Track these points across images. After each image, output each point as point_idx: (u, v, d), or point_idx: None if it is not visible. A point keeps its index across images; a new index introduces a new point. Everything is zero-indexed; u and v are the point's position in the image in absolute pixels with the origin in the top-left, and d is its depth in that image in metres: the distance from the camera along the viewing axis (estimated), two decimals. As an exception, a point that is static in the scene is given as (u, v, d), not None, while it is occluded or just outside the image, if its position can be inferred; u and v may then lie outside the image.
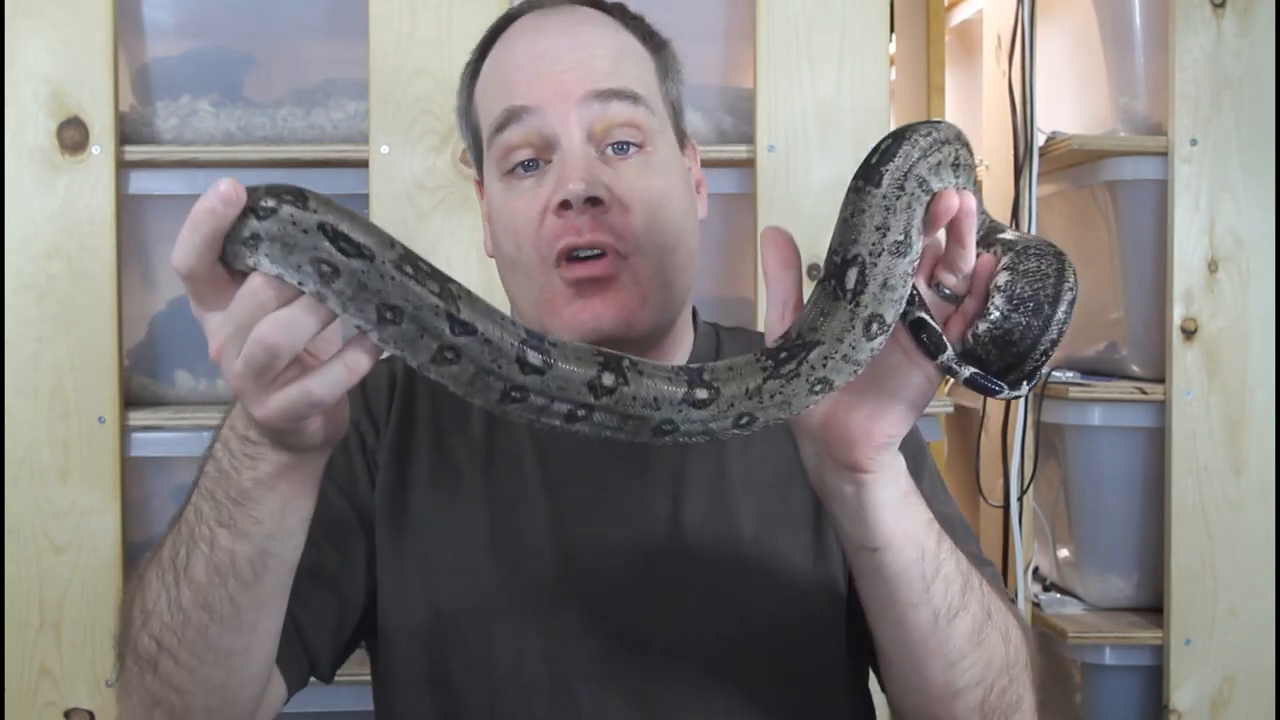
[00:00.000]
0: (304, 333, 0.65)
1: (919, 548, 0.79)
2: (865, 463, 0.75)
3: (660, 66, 1.02)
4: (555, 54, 0.96)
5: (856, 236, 0.69)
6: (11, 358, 1.57)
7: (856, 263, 0.69)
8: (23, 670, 1.57)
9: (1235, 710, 1.74)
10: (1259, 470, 1.73)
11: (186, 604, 0.78)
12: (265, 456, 0.73)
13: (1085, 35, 1.91)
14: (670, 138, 1.01)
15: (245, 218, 0.64)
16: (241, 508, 0.75)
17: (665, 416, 0.69)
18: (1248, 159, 1.73)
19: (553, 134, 0.94)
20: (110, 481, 1.58)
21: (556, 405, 0.68)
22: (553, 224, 0.93)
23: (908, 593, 0.80)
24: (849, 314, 0.69)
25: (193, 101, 1.64)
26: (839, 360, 0.70)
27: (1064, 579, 1.95)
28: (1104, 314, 1.89)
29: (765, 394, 0.70)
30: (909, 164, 0.69)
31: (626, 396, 0.69)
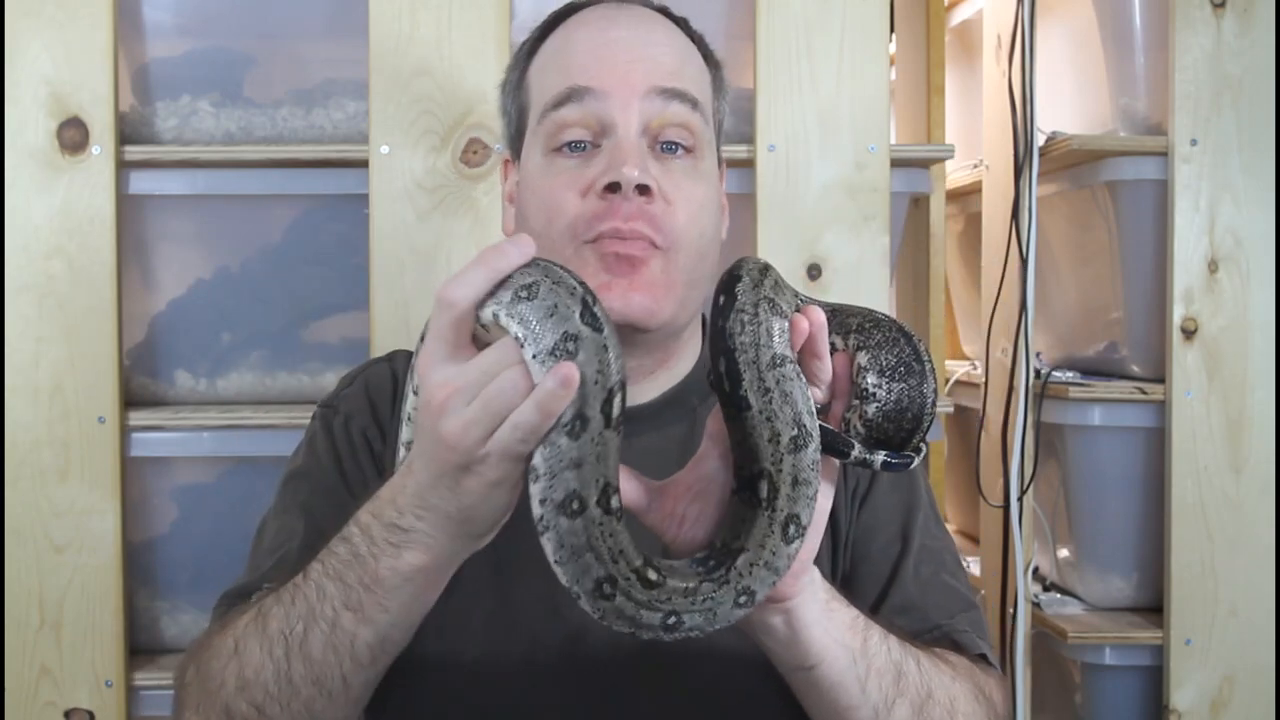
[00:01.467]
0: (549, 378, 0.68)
1: (849, 652, 0.80)
2: (788, 591, 0.76)
3: (716, 83, 1.04)
4: (626, 43, 0.97)
5: (755, 454, 0.69)
6: (11, 358, 1.56)
7: (764, 476, 0.69)
8: (23, 670, 1.57)
9: (1235, 710, 1.74)
10: (1259, 470, 1.73)
11: (297, 679, 0.79)
12: (414, 546, 0.74)
13: (1085, 35, 1.91)
14: (714, 152, 1.02)
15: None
16: (372, 595, 0.76)
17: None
18: (1248, 159, 1.73)
19: (610, 120, 0.95)
20: (110, 481, 1.58)
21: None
22: (595, 204, 0.93)
23: (845, 698, 0.81)
24: (767, 520, 0.70)
25: (193, 101, 1.64)
26: (761, 568, 0.70)
27: (1064, 579, 1.95)
28: (1104, 314, 1.89)
29: (698, 596, 0.70)
30: (760, 361, 0.69)
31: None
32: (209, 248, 1.69)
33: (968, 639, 0.98)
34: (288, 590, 0.81)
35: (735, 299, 0.70)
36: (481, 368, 0.68)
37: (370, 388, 1.06)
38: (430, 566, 0.75)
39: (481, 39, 1.58)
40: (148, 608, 1.67)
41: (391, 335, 1.58)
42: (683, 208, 0.95)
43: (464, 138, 1.58)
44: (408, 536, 0.74)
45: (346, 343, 1.69)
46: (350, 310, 1.68)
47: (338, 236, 1.69)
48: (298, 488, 1.02)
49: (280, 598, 0.81)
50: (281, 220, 1.69)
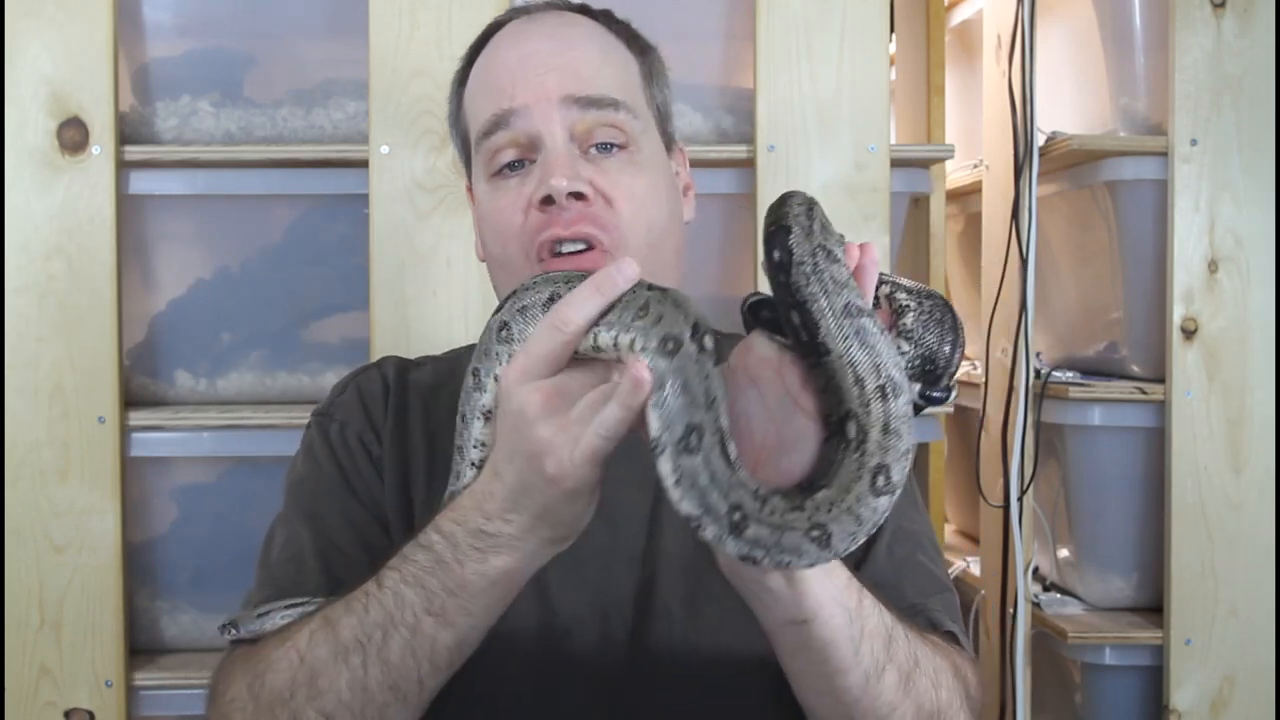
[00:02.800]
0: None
1: (845, 610, 0.79)
2: None
3: (645, 70, 1.04)
4: (539, 56, 0.98)
5: (841, 397, 0.69)
6: (11, 358, 1.56)
7: (851, 417, 0.69)
8: (23, 670, 1.57)
9: (1235, 710, 1.74)
10: (1259, 470, 1.73)
11: (374, 685, 0.80)
12: (501, 550, 0.76)
13: (1085, 35, 1.91)
14: (655, 139, 1.02)
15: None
16: (456, 599, 0.78)
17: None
18: (1248, 159, 1.73)
19: (536, 133, 0.96)
20: (110, 481, 1.58)
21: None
22: (536, 218, 0.94)
23: (837, 659, 0.79)
24: (855, 463, 0.68)
25: (193, 101, 1.64)
26: (843, 512, 0.68)
27: (1064, 579, 1.95)
28: (1104, 314, 1.89)
29: (769, 511, 0.68)
30: (834, 308, 0.69)
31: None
32: (209, 248, 1.69)
33: (940, 618, 0.97)
34: (358, 599, 0.82)
35: (792, 254, 0.70)
36: (580, 379, 0.72)
37: (364, 394, 1.07)
38: (515, 570, 0.77)
39: (481, 39, 1.58)
40: (148, 608, 1.67)
41: (391, 335, 1.58)
42: (624, 204, 0.95)
43: (464, 138, 1.58)
44: (495, 541, 0.76)
45: (346, 343, 1.69)
46: (350, 310, 1.68)
47: (338, 236, 1.69)
48: (300, 496, 1.03)
49: (350, 607, 0.82)
50: (281, 220, 1.69)
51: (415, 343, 1.58)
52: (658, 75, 1.05)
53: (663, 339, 0.68)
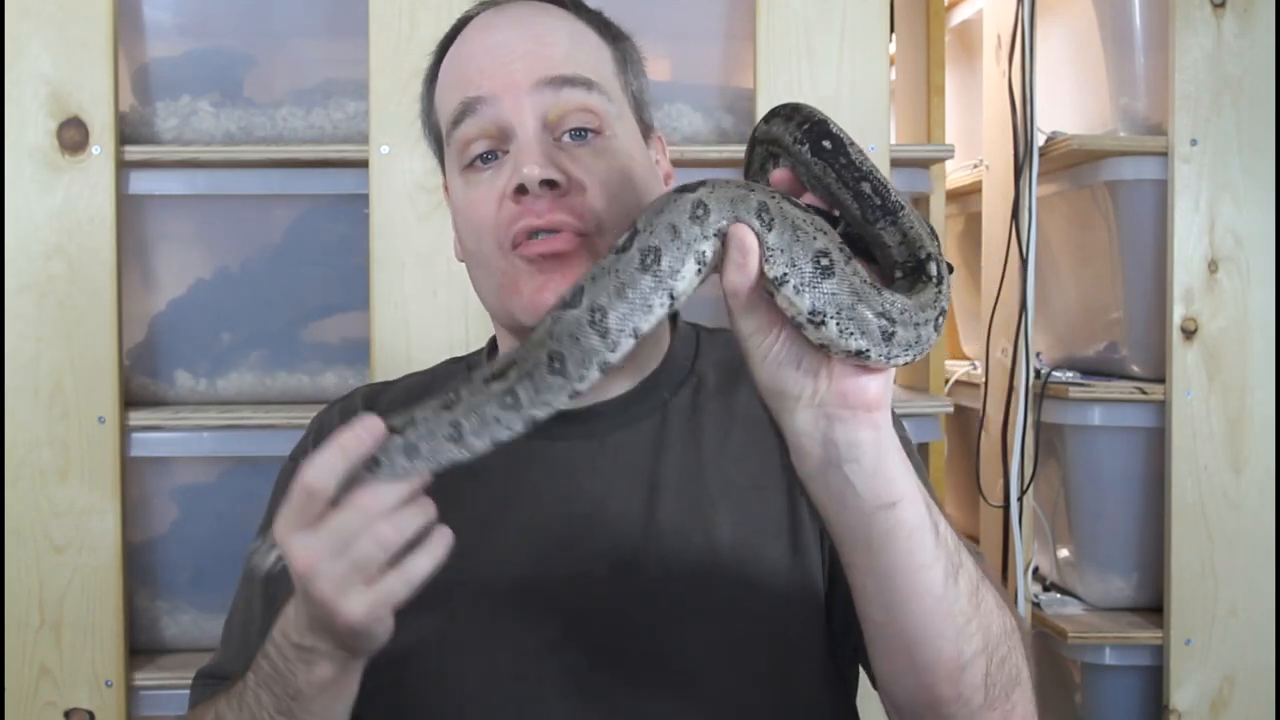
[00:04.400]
0: (413, 526, 0.74)
1: (922, 496, 0.76)
2: (880, 393, 0.72)
3: (619, 56, 1.02)
4: (508, 44, 0.96)
5: (920, 243, 0.73)
6: (11, 358, 1.56)
7: (930, 259, 0.73)
8: (23, 670, 1.57)
9: (1235, 710, 1.74)
10: (1259, 470, 1.73)
11: None
12: (320, 661, 0.79)
13: (1085, 35, 1.91)
14: (631, 125, 1.00)
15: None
16: (298, 703, 0.81)
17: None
18: (1248, 159, 1.73)
19: (507, 123, 0.94)
20: (110, 481, 1.58)
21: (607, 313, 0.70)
22: (510, 209, 0.93)
23: (921, 551, 0.75)
24: (934, 294, 0.71)
25: (193, 101, 1.64)
26: (913, 320, 0.71)
27: (1064, 579, 1.95)
28: (1104, 314, 1.89)
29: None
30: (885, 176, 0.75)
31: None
32: (209, 248, 1.69)
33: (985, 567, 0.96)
34: (236, 692, 0.87)
35: (841, 137, 0.74)
36: (338, 533, 0.74)
37: (324, 434, 1.05)
38: (342, 674, 0.81)
39: (481, 39, 1.58)
40: (148, 608, 1.67)
41: (391, 335, 1.58)
42: (599, 190, 0.93)
43: (464, 138, 1.58)
44: (312, 654, 0.79)
45: (346, 343, 1.69)
46: (350, 310, 1.68)
47: (338, 236, 1.69)
48: None
49: (230, 700, 0.88)
50: (281, 220, 1.69)
51: (415, 343, 1.58)
52: (632, 63, 1.04)
53: (757, 209, 0.70)
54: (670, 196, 0.71)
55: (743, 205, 0.69)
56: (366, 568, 0.73)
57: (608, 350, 0.70)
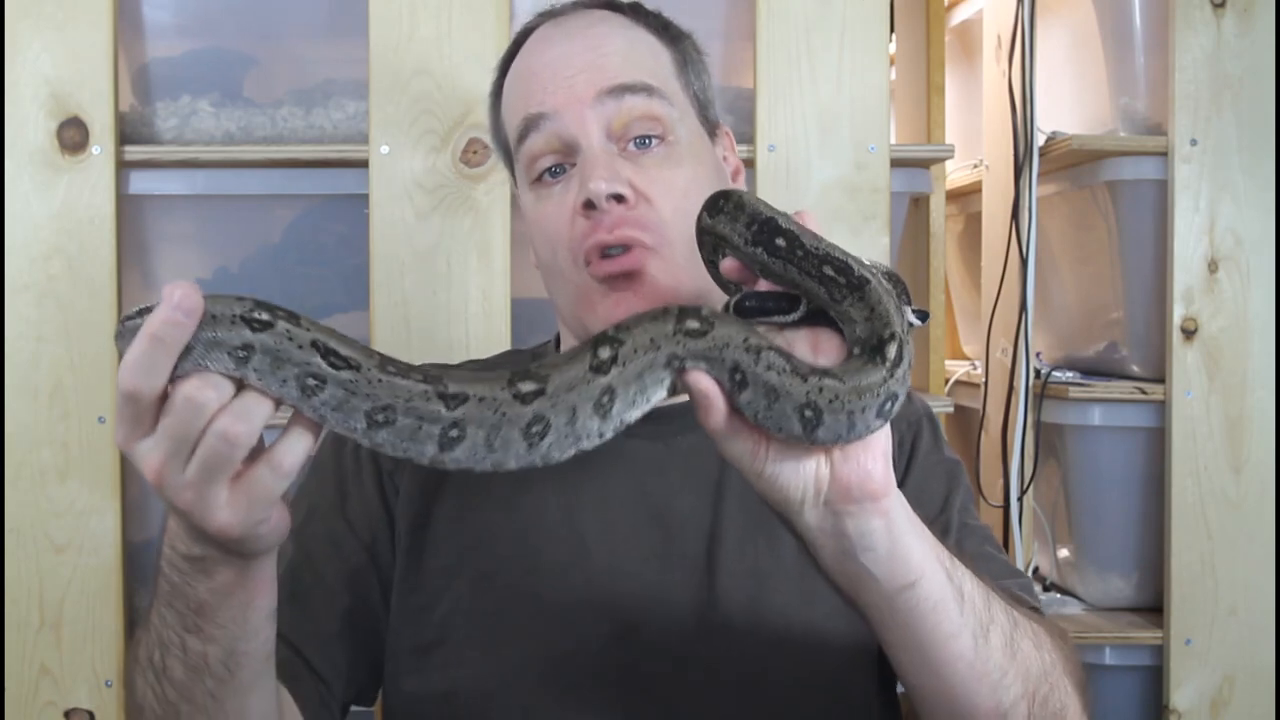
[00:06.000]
0: (260, 418, 0.66)
1: (943, 568, 0.77)
2: (884, 481, 0.73)
3: (679, 58, 1.02)
4: (566, 57, 0.97)
5: (887, 320, 0.71)
6: (11, 358, 1.56)
7: (893, 340, 0.70)
8: (23, 670, 1.57)
9: (1235, 710, 1.74)
10: (1259, 470, 1.73)
11: (172, 698, 0.79)
12: (216, 569, 0.72)
13: (1085, 35, 1.91)
14: (694, 126, 1.00)
15: (237, 327, 0.64)
16: (203, 616, 0.74)
17: (669, 351, 0.72)
18: (1248, 159, 1.73)
19: (571, 137, 0.95)
20: (110, 481, 1.58)
21: (580, 413, 0.69)
22: (581, 224, 0.94)
23: (947, 623, 0.76)
24: (882, 377, 0.70)
25: (193, 101, 1.64)
26: (844, 405, 0.69)
27: (1064, 579, 1.95)
28: (1104, 314, 1.89)
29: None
30: (848, 251, 0.73)
31: (627, 353, 0.70)
32: (209, 248, 1.69)
33: (1023, 595, 0.95)
34: (145, 617, 0.81)
35: (792, 230, 0.73)
36: (174, 434, 0.65)
37: None
38: (244, 578, 0.73)
39: (481, 39, 1.58)
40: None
41: (391, 335, 1.58)
42: (665, 200, 0.94)
43: (464, 138, 1.58)
44: (205, 562, 0.72)
45: (346, 343, 1.69)
46: (350, 310, 1.68)
47: (338, 236, 1.69)
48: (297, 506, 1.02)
49: (144, 625, 0.82)
50: (281, 220, 1.69)
51: (415, 343, 1.58)
52: (692, 62, 1.04)
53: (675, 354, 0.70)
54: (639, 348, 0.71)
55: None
56: (222, 466, 0.65)
57: (527, 451, 0.69)
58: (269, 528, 0.69)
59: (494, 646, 0.96)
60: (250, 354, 0.65)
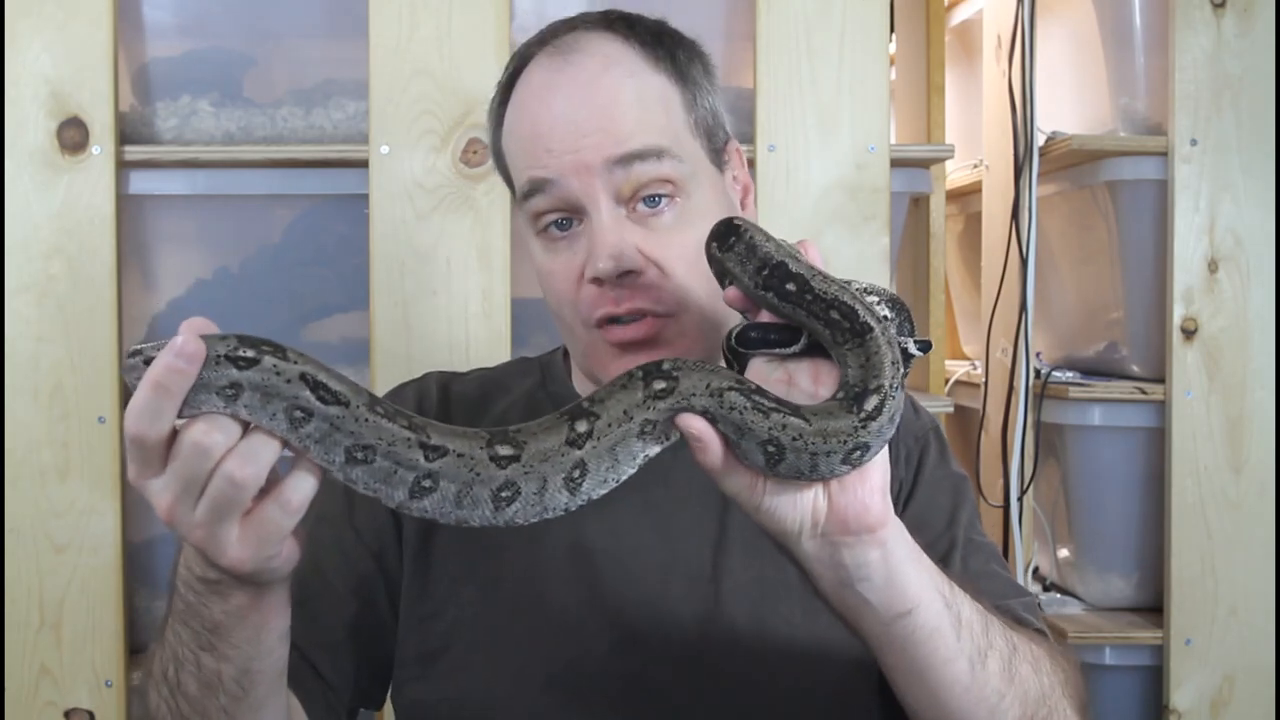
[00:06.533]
0: (267, 460, 0.66)
1: (941, 596, 0.78)
2: (881, 513, 0.73)
3: (688, 97, 0.98)
4: (573, 120, 0.93)
5: (878, 372, 0.72)
6: (11, 358, 1.56)
7: (878, 392, 0.72)
8: (23, 670, 1.57)
9: (1235, 710, 1.74)
10: (1259, 470, 1.73)
11: (186, 712, 0.79)
12: (231, 592, 0.73)
13: (1085, 35, 1.91)
14: (705, 173, 0.97)
15: (222, 367, 0.65)
16: (218, 636, 0.75)
17: (641, 419, 0.73)
18: (1248, 159, 1.73)
19: (578, 202, 0.93)
20: (110, 481, 1.58)
21: (550, 484, 0.70)
22: (590, 292, 0.93)
23: (944, 648, 0.77)
24: (852, 426, 0.71)
25: (193, 101, 1.64)
26: (807, 448, 0.71)
27: (1064, 579, 1.95)
28: (1104, 314, 1.89)
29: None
30: (859, 295, 0.74)
31: (602, 428, 0.71)
32: (209, 248, 1.69)
33: (1026, 616, 0.95)
34: (161, 632, 0.81)
35: (801, 275, 0.74)
36: (182, 476, 0.67)
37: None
38: (258, 602, 0.74)
39: (481, 39, 1.58)
40: (148, 608, 1.67)
41: (391, 335, 1.58)
42: (678, 266, 0.92)
43: (464, 138, 1.58)
44: (220, 585, 0.73)
45: (346, 343, 1.69)
46: (350, 310, 1.68)
47: (338, 236, 1.69)
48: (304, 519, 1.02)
49: (160, 639, 0.82)
50: (281, 220, 1.69)
51: (415, 343, 1.58)
52: (701, 90, 1.00)
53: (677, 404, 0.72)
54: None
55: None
56: (231, 507, 0.66)
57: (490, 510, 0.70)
58: (280, 560, 0.71)
59: (499, 655, 0.96)
60: (239, 391, 0.66)
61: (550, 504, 0.71)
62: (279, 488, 0.68)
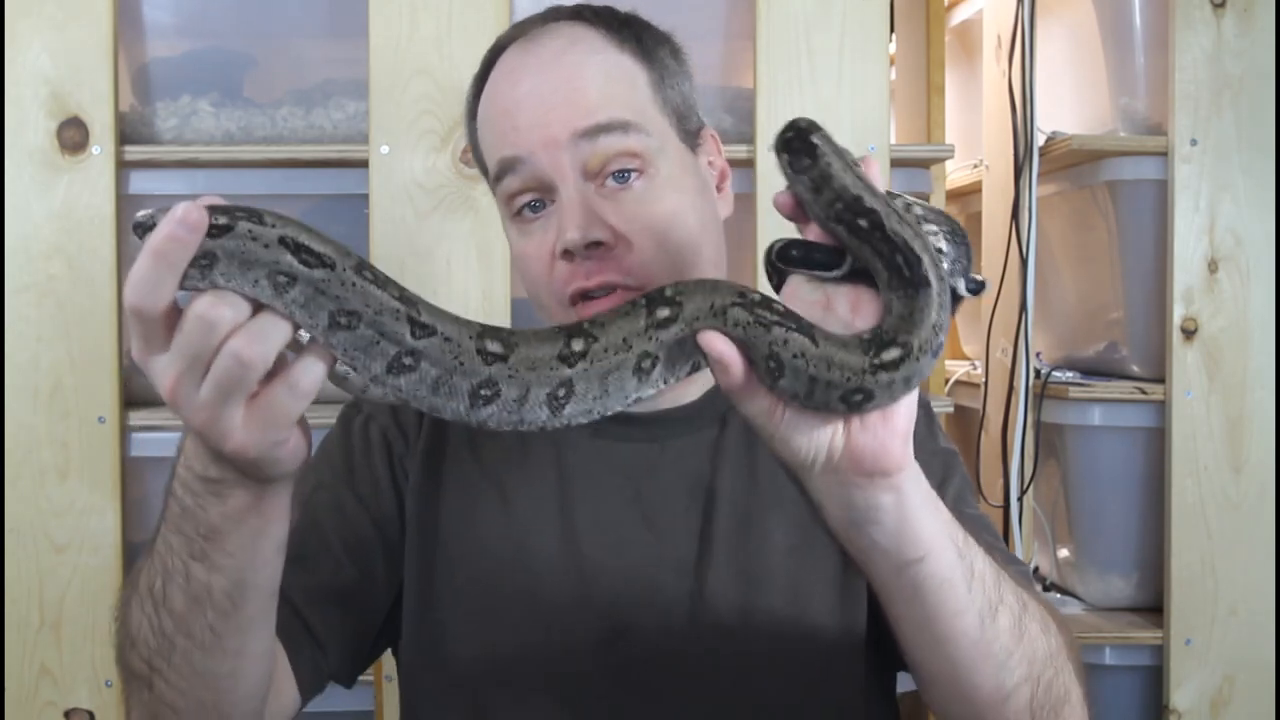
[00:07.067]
0: (277, 341, 0.64)
1: (954, 546, 0.76)
2: (900, 458, 0.71)
3: (655, 76, 0.99)
4: (539, 95, 0.94)
5: (912, 327, 0.69)
6: (11, 358, 1.57)
7: (899, 345, 0.68)
8: (23, 670, 1.57)
9: (1235, 710, 1.74)
10: (1259, 470, 1.73)
11: (169, 631, 0.77)
12: (232, 492, 0.70)
13: (1085, 35, 1.91)
14: (675, 149, 0.99)
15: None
16: (212, 543, 0.73)
17: (640, 350, 0.70)
18: (1248, 159, 1.73)
19: (547, 179, 0.93)
20: (110, 481, 1.58)
21: (533, 395, 0.67)
22: (561, 269, 0.93)
23: (953, 600, 0.76)
24: (861, 363, 0.68)
25: (193, 101, 1.64)
26: (812, 378, 0.68)
27: (1064, 579, 1.95)
28: (1104, 314, 1.89)
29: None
30: (917, 230, 0.70)
31: (598, 351, 0.68)
32: (209, 248, 1.69)
33: (1022, 582, 0.96)
34: (149, 545, 0.80)
35: (876, 211, 0.69)
36: (186, 351, 0.64)
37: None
38: (259, 503, 0.72)
39: (481, 39, 1.58)
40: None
41: (391, 335, 1.58)
42: (646, 238, 0.93)
43: (464, 138, 1.58)
44: (221, 485, 0.70)
45: (346, 343, 1.69)
46: (350, 310, 1.68)
47: (338, 236, 1.68)
48: (304, 480, 1.02)
49: (147, 554, 0.80)
50: (281, 220, 1.69)
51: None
52: (670, 74, 1.01)
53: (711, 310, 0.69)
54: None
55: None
56: (237, 387, 0.63)
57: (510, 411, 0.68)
58: (287, 450, 0.68)
59: (488, 643, 0.97)
60: (214, 261, 0.63)
61: (529, 417, 0.68)
62: (288, 369, 0.65)
